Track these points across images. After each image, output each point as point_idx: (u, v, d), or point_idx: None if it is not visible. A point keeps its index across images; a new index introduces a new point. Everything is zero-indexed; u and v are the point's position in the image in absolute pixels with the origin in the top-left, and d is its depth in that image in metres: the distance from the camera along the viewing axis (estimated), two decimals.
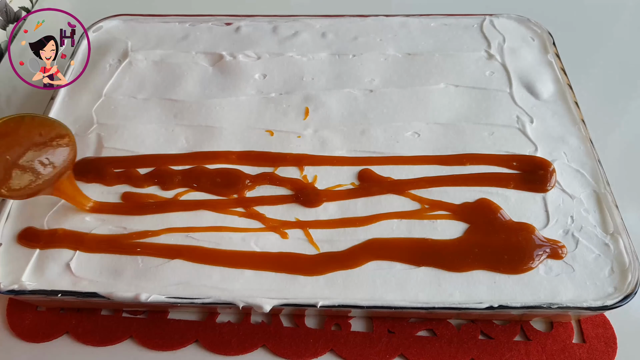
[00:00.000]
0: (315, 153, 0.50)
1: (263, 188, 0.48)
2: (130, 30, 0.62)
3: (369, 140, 0.51)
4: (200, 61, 0.59)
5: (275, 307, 0.41)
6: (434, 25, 0.62)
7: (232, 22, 0.63)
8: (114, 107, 0.54)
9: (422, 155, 0.50)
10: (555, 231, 0.45)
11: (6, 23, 0.73)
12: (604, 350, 0.43)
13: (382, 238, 0.44)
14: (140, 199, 0.47)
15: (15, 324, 0.45)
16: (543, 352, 0.43)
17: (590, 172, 0.48)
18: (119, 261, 0.44)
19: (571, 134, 0.51)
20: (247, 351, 0.44)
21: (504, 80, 0.56)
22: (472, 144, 0.50)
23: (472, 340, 0.44)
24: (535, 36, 0.60)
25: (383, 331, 0.44)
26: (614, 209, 0.45)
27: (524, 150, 0.50)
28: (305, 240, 0.45)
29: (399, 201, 0.47)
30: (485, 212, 0.46)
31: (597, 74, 0.66)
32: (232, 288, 0.42)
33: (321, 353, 0.43)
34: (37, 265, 0.43)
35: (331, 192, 0.47)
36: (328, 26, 0.62)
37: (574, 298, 0.41)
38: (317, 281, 0.42)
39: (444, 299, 0.41)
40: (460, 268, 0.42)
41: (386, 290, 0.42)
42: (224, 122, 0.53)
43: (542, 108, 0.53)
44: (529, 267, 0.42)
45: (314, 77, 0.57)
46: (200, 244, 0.44)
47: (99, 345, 0.44)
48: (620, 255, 0.43)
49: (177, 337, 0.44)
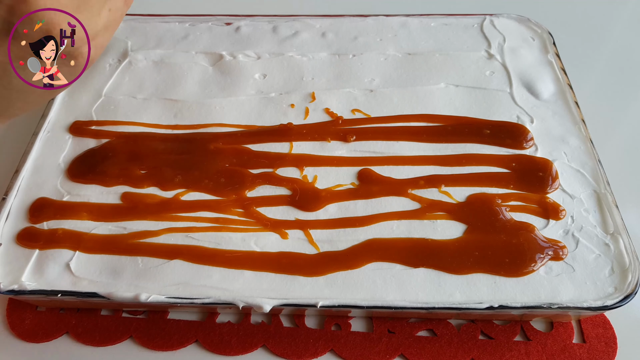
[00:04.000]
0: (315, 153, 0.50)
1: (263, 188, 0.48)
2: (130, 30, 0.62)
3: (369, 140, 0.51)
4: (200, 61, 0.58)
5: (275, 307, 0.41)
6: (434, 25, 0.62)
7: (232, 22, 0.63)
8: (113, 107, 0.54)
9: (422, 155, 0.50)
10: (556, 231, 0.45)
11: None
12: (604, 350, 0.43)
13: (382, 238, 0.44)
14: (140, 199, 0.47)
15: (15, 324, 0.45)
16: (543, 352, 0.43)
17: (590, 172, 0.48)
18: (119, 261, 0.44)
19: (571, 134, 0.51)
20: (247, 351, 0.44)
21: (504, 80, 0.56)
22: (472, 144, 0.50)
23: (472, 340, 0.44)
24: (535, 36, 0.60)
25: (383, 331, 0.44)
26: (614, 209, 0.45)
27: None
28: (305, 240, 0.45)
29: (399, 201, 0.47)
30: (486, 212, 0.46)
31: (597, 74, 0.66)
32: (232, 288, 0.42)
33: (321, 353, 0.43)
34: (37, 266, 0.43)
35: (331, 193, 0.47)
36: (328, 26, 0.62)
37: (574, 298, 0.41)
38: (317, 281, 0.42)
39: (444, 299, 0.41)
40: (460, 271, 0.42)
41: (386, 290, 0.42)
42: (224, 122, 0.53)
43: (542, 108, 0.53)
44: (530, 270, 0.42)
45: (314, 77, 0.57)
46: (200, 244, 0.44)
47: (98, 345, 0.44)
48: (621, 255, 0.43)
49: (177, 337, 0.44)
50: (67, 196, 0.47)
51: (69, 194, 0.48)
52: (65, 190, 0.48)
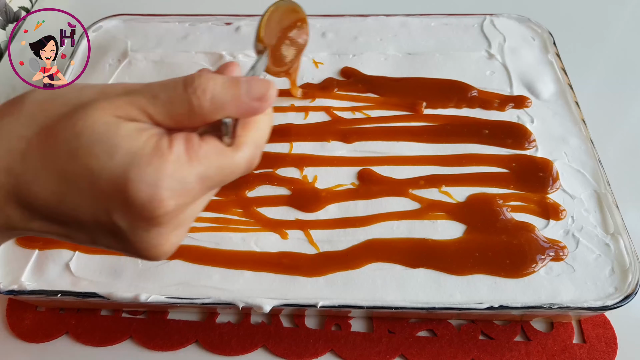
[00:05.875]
0: (315, 153, 0.50)
1: (263, 188, 0.48)
2: (130, 30, 0.62)
3: (369, 140, 0.51)
4: (200, 61, 0.58)
5: (275, 308, 0.41)
6: (434, 25, 0.62)
7: (232, 22, 0.63)
8: None
9: (423, 155, 0.50)
10: (556, 231, 0.45)
11: (6, 23, 0.73)
12: (604, 350, 0.43)
13: (382, 238, 0.44)
14: None
15: (15, 324, 0.45)
16: (543, 352, 0.43)
17: (590, 172, 0.48)
18: (119, 261, 0.44)
19: (572, 134, 0.51)
20: (247, 351, 0.44)
21: (504, 80, 0.56)
22: (472, 144, 0.50)
23: (473, 340, 0.44)
24: (535, 36, 0.60)
25: (383, 331, 0.44)
26: (615, 209, 0.45)
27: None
28: (305, 240, 0.45)
29: (399, 201, 0.47)
30: (486, 212, 0.46)
31: (597, 74, 0.66)
32: (232, 288, 0.42)
33: (321, 353, 0.43)
34: (37, 266, 0.43)
35: (331, 193, 0.47)
36: (328, 26, 0.62)
37: (574, 298, 0.41)
38: (317, 281, 0.42)
39: (444, 299, 0.41)
40: (460, 272, 0.42)
41: (386, 291, 0.42)
42: None
43: (542, 108, 0.53)
44: (531, 271, 0.42)
45: (314, 77, 0.57)
46: (200, 244, 0.44)
47: (98, 345, 0.44)
48: (621, 256, 0.43)
49: (177, 337, 0.44)
50: None
51: None
52: None
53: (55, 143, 0.25)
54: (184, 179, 0.25)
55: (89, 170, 0.25)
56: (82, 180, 0.25)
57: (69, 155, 0.25)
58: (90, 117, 0.25)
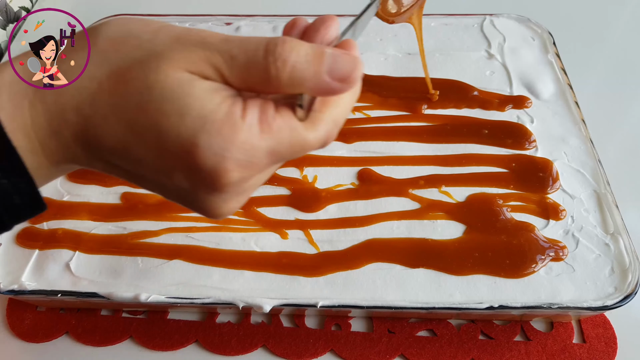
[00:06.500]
0: (315, 153, 0.50)
1: (263, 188, 0.48)
2: None
3: (369, 141, 0.51)
4: None
5: (275, 307, 0.41)
6: (434, 25, 0.62)
7: (232, 22, 0.63)
8: None
9: (422, 155, 0.50)
10: (556, 231, 0.45)
11: (6, 23, 0.73)
12: (604, 350, 0.43)
13: (382, 238, 0.44)
14: (139, 199, 0.47)
15: (15, 324, 0.45)
16: (543, 352, 0.43)
17: (590, 172, 0.48)
18: (119, 261, 0.44)
19: (571, 134, 0.51)
20: (247, 351, 0.44)
21: (504, 80, 0.56)
22: (472, 144, 0.50)
23: (472, 340, 0.44)
24: (535, 36, 0.60)
25: (383, 331, 0.44)
26: (614, 209, 0.45)
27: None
28: (305, 240, 0.45)
29: (399, 201, 0.47)
30: (486, 212, 0.46)
31: (597, 74, 0.66)
32: (232, 288, 0.42)
33: (321, 353, 0.43)
34: (37, 266, 0.43)
35: (331, 193, 0.47)
36: None
37: (574, 298, 0.41)
38: (317, 281, 0.42)
39: (444, 299, 0.41)
40: (460, 272, 0.42)
41: (386, 290, 0.42)
42: None
43: (542, 108, 0.53)
44: (531, 271, 0.42)
45: None
46: (200, 244, 0.44)
47: (98, 345, 0.44)
48: (621, 255, 0.43)
49: (177, 337, 0.44)
50: (67, 196, 0.47)
51: (68, 194, 0.48)
52: (65, 190, 0.48)
53: (126, 92, 0.24)
54: (252, 151, 0.24)
55: (157, 127, 0.24)
56: (149, 135, 0.24)
57: (138, 108, 0.24)
58: (163, 71, 0.24)
